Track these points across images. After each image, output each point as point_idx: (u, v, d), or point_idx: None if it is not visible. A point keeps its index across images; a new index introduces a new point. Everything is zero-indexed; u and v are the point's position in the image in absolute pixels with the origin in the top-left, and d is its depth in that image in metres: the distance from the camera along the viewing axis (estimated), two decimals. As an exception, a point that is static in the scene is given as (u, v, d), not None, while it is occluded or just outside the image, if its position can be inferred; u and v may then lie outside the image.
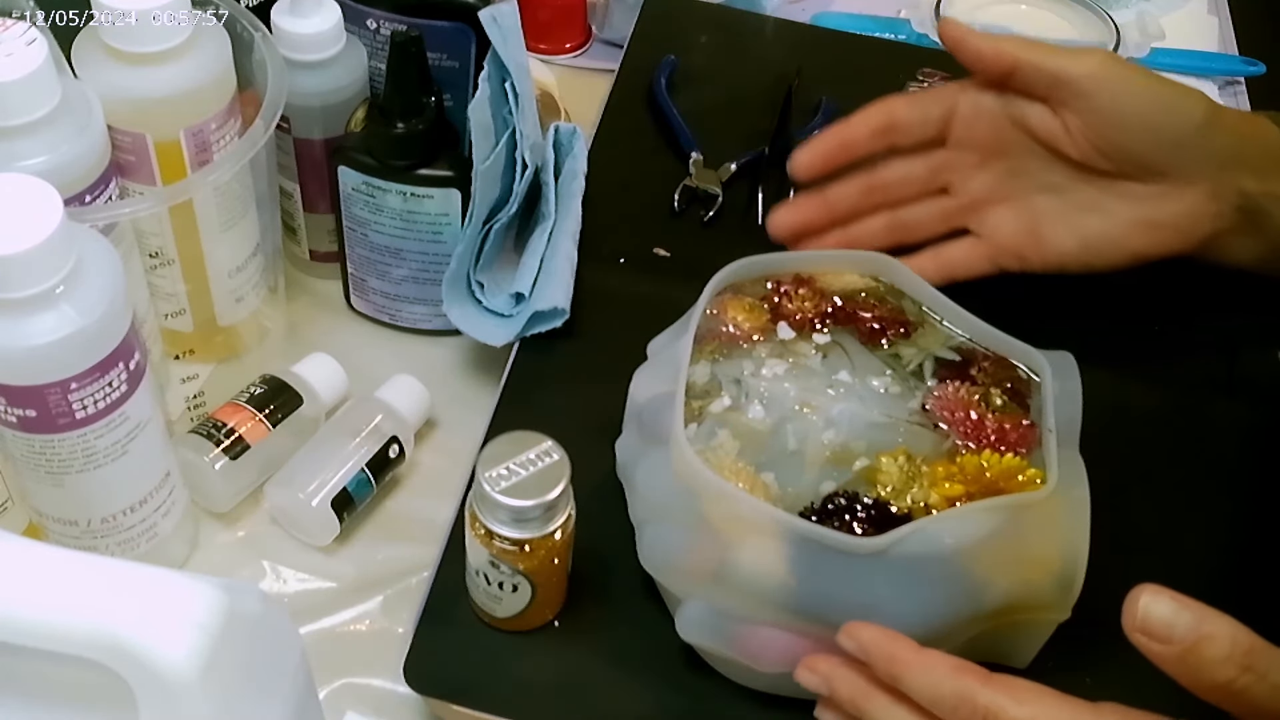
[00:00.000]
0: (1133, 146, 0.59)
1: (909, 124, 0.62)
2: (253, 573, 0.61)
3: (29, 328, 0.46)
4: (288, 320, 0.70)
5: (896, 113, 0.62)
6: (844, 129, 0.63)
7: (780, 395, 0.53)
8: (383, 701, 0.56)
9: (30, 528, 0.56)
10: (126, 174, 0.58)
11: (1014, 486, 0.50)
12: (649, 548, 0.52)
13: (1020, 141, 0.62)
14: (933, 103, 0.62)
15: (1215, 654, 0.39)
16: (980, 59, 0.60)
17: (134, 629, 0.33)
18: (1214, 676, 0.39)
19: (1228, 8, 1.00)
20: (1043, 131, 0.61)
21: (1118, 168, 0.60)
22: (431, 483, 0.64)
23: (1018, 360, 0.55)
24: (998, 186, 0.63)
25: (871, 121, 0.62)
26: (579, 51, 0.91)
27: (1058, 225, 0.62)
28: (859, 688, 0.47)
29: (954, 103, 0.62)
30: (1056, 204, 0.62)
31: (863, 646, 0.46)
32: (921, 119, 0.62)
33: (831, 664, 0.48)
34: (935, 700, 0.44)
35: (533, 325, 0.64)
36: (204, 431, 0.60)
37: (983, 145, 0.62)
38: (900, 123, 0.62)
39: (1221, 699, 0.40)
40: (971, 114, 0.62)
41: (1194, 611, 0.39)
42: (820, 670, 0.48)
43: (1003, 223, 0.63)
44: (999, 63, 0.60)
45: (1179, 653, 0.39)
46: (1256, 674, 0.39)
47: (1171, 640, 0.39)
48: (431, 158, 0.63)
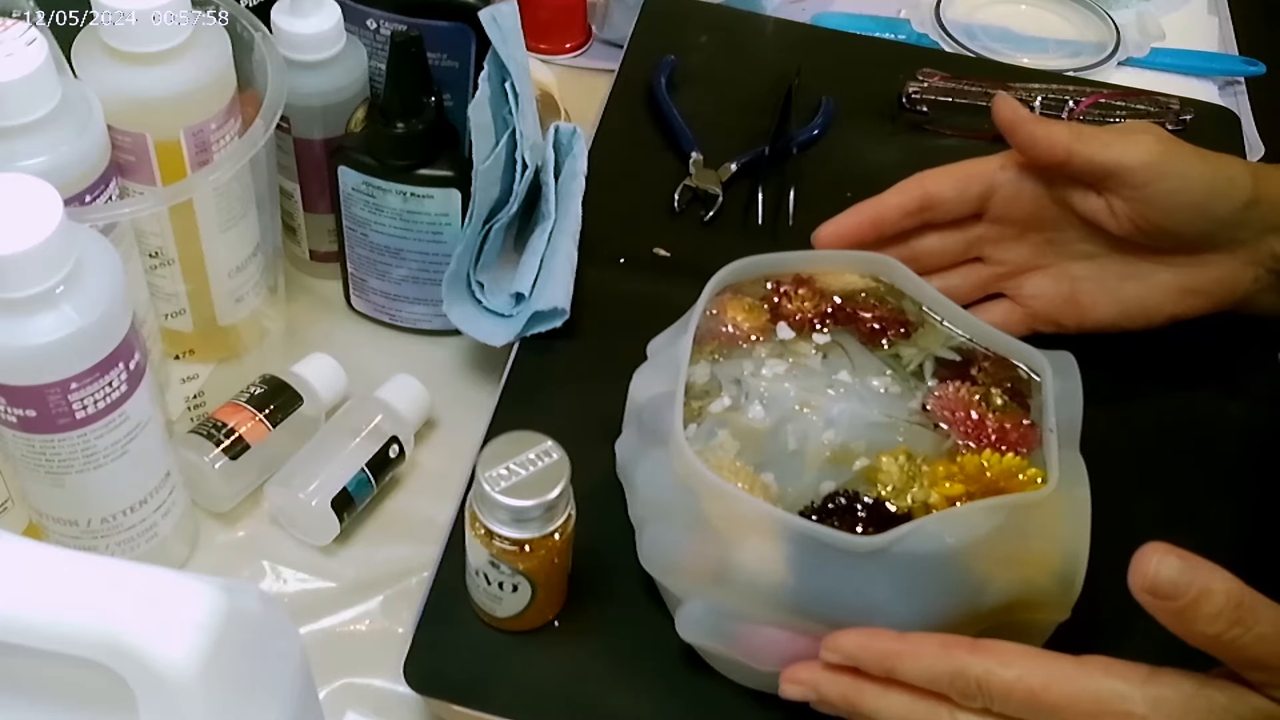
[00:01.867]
0: (1178, 229, 0.59)
1: (945, 203, 0.61)
2: (253, 573, 0.61)
3: (29, 328, 0.46)
4: (288, 320, 0.70)
5: (932, 191, 0.61)
6: (876, 206, 0.61)
7: (780, 395, 0.53)
8: (383, 701, 0.56)
9: (30, 528, 0.56)
10: (126, 174, 0.58)
11: (1014, 486, 0.50)
12: (649, 548, 0.52)
13: (1060, 216, 0.61)
14: (971, 181, 0.61)
15: (1210, 609, 0.40)
16: (1033, 148, 0.59)
17: (134, 629, 0.33)
18: (1205, 629, 0.41)
19: (1228, 8, 1.00)
20: (1086, 211, 0.60)
21: (1158, 244, 0.60)
22: (431, 483, 0.64)
23: (1018, 360, 0.55)
24: (1035, 256, 0.62)
25: (906, 201, 0.61)
26: (579, 51, 0.91)
27: (1096, 293, 0.62)
28: (846, 685, 0.47)
29: (993, 181, 0.61)
30: (1094, 272, 0.62)
31: (849, 654, 0.47)
32: (959, 198, 0.61)
33: (812, 670, 0.48)
34: (931, 680, 0.45)
35: (533, 325, 0.64)
36: (204, 431, 0.60)
37: (1021, 221, 0.61)
38: (936, 201, 0.61)
39: (1209, 647, 0.41)
40: (1012, 193, 0.61)
41: (1196, 569, 0.41)
42: (803, 679, 0.48)
43: (1040, 290, 0.63)
44: (1052, 154, 0.58)
45: (1179, 608, 0.41)
46: (1244, 626, 0.40)
47: (1174, 598, 0.41)
48: (431, 158, 0.63)
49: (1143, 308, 0.62)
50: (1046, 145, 0.58)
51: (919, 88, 0.80)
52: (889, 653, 0.46)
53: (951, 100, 0.80)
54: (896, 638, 0.46)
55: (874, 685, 0.47)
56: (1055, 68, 0.89)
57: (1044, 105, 0.80)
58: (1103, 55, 0.91)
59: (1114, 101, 0.81)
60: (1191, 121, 0.80)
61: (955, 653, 0.45)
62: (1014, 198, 0.61)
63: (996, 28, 0.94)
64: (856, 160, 0.78)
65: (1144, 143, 0.58)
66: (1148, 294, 0.61)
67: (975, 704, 0.45)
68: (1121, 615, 0.54)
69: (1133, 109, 0.81)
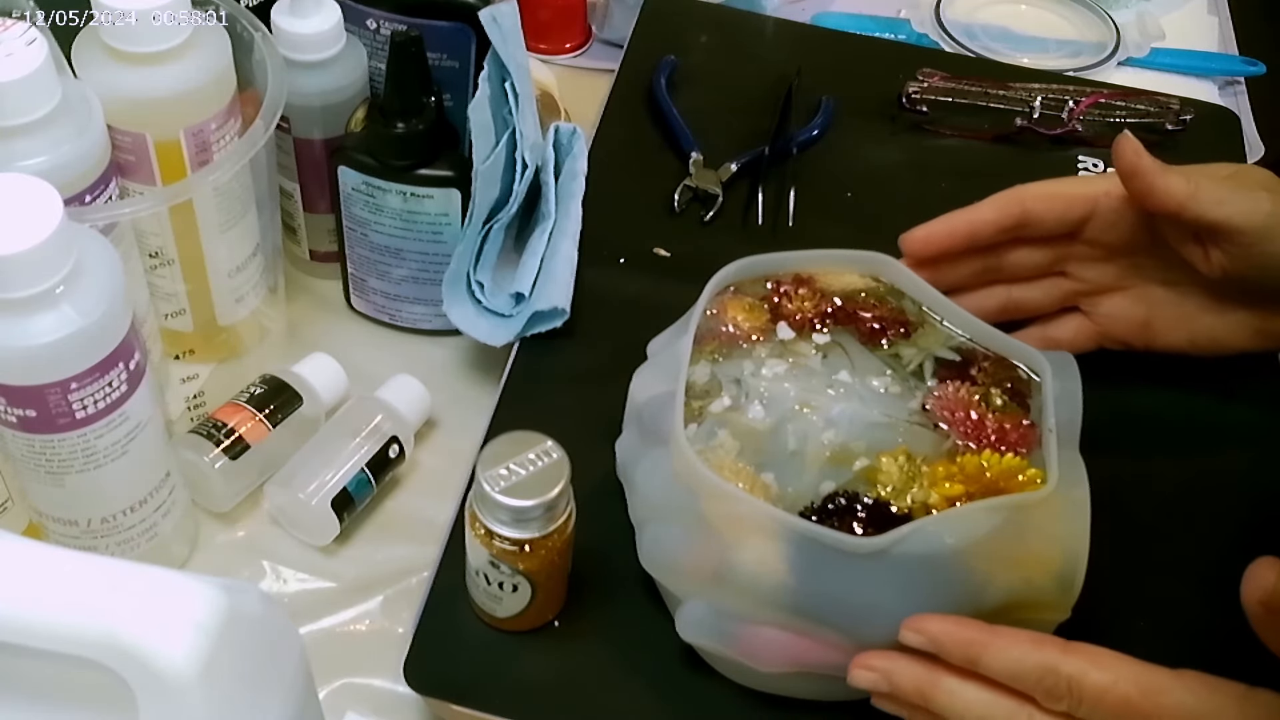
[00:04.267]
0: (1271, 283, 0.58)
1: (1043, 223, 0.60)
2: (253, 573, 0.61)
3: (29, 328, 0.46)
4: (288, 320, 0.70)
5: (1032, 210, 0.60)
6: (970, 218, 0.60)
7: (780, 395, 0.53)
8: (383, 701, 0.56)
9: (30, 528, 0.56)
10: (126, 174, 0.58)
11: (1014, 486, 0.50)
12: (649, 548, 0.52)
13: (1152, 245, 0.60)
14: (1074, 205, 0.60)
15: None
16: (1149, 197, 0.58)
17: (134, 629, 0.33)
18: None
19: (1228, 8, 1.00)
20: (1182, 250, 0.59)
21: (1244, 289, 0.59)
22: (431, 483, 0.64)
23: (1018, 360, 0.55)
24: (1118, 278, 0.62)
25: (1003, 219, 0.60)
26: (579, 51, 0.91)
27: (1171, 321, 0.61)
28: (922, 675, 0.46)
29: (1094, 207, 0.60)
30: (1173, 299, 0.61)
31: (933, 638, 0.46)
32: (1058, 220, 0.60)
33: (887, 658, 0.47)
34: (1017, 675, 0.44)
35: (533, 325, 0.64)
36: (204, 431, 0.60)
37: (1113, 245, 0.61)
38: (1034, 220, 0.60)
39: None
40: (1112, 220, 0.60)
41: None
42: (878, 666, 0.47)
43: (1117, 310, 0.62)
44: (1165, 208, 0.57)
45: None
46: None
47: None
48: (431, 158, 0.63)
49: (1213, 339, 0.61)
50: (1163, 198, 0.57)
51: (919, 88, 0.80)
52: (976, 641, 0.45)
53: (951, 100, 0.80)
54: (985, 627, 0.45)
55: (951, 677, 0.46)
56: (1055, 68, 0.90)
57: (1044, 105, 0.80)
58: (1103, 55, 0.91)
59: (1114, 101, 0.81)
60: (1191, 121, 0.80)
61: (1047, 649, 0.44)
62: (1112, 225, 0.60)
63: (996, 28, 0.94)
64: (856, 160, 0.78)
65: (1258, 203, 0.56)
66: (1221, 328, 0.61)
67: (1060, 706, 0.44)
68: (1121, 615, 0.54)
69: (1132, 109, 0.81)
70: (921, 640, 0.46)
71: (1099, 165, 0.78)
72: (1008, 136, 0.80)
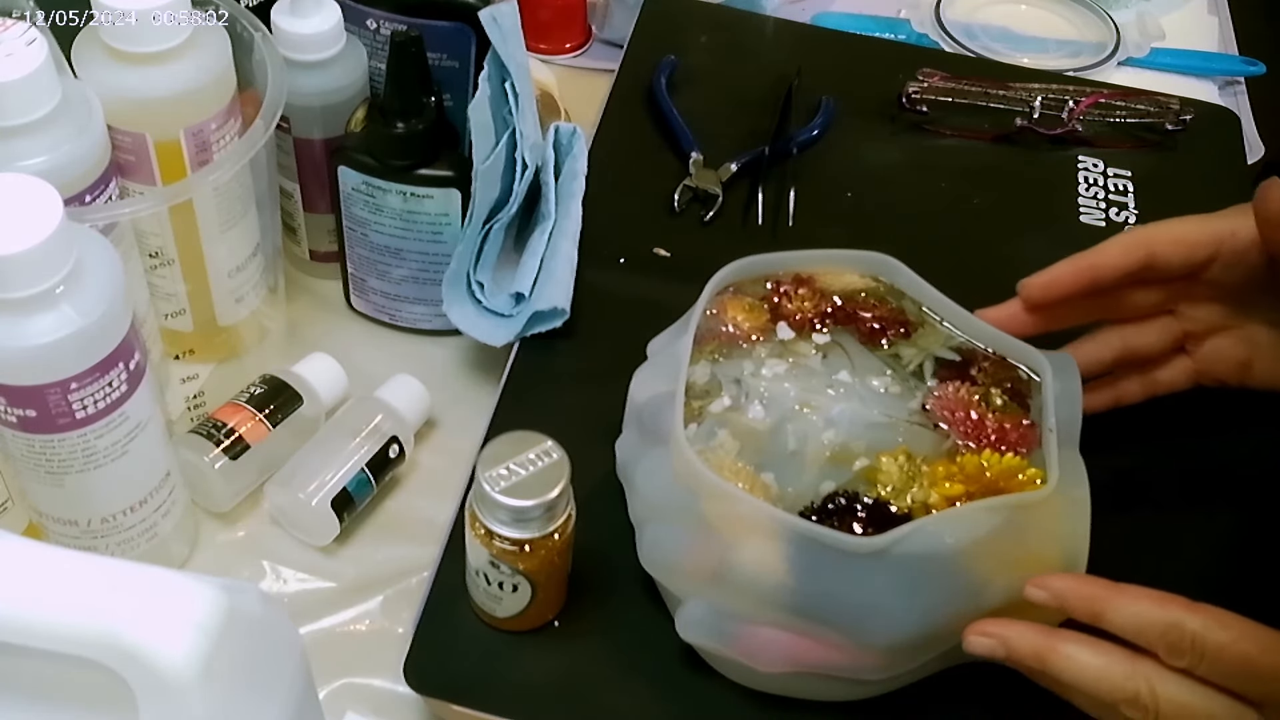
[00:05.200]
0: None
1: (1168, 266, 0.58)
2: (253, 573, 0.61)
3: (29, 328, 0.46)
4: (288, 320, 0.70)
5: (1159, 254, 0.58)
6: (1094, 261, 0.58)
7: (780, 395, 0.53)
8: (383, 701, 0.56)
9: (30, 528, 0.56)
10: (126, 174, 0.58)
11: (1014, 486, 0.50)
12: (649, 548, 0.52)
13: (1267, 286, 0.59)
14: (1198, 249, 0.58)
15: None
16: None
17: (134, 629, 0.33)
18: None
19: (1228, 8, 1.00)
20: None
21: None
22: (431, 483, 0.64)
23: (1018, 360, 0.55)
24: (1226, 317, 0.61)
25: (1130, 264, 0.58)
26: (579, 51, 0.91)
27: (1270, 362, 0.60)
28: (1039, 639, 0.46)
29: (1219, 249, 0.58)
30: (1274, 340, 0.60)
31: (1057, 593, 0.46)
32: (1183, 263, 0.58)
33: (1003, 624, 0.47)
34: (1141, 629, 0.45)
35: (533, 325, 0.64)
36: (204, 431, 0.60)
37: (1230, 286, 0.59)
38: (1159, 264, 0.58)
39: None
40: (1232, 261, 0.58)
41: None
42: (994, 632, 0.47)
43: (1219, 350, 0.61)
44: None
45: None
46: None
47: None
48: (431, 158, 0.63)
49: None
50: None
51: (919, 88, 0.80)
52: (1099, 596, 0.45)
53: (951, 100, 0.81)
54: (1109, 583, 0.46)
55: (1070, 640, 0.46)
56: (1055, 68, 0.90)
57: (1044, 105, 0.80)
58: (1103, 55, 0.91)
59: (1114, 101, 0.81)
60: (1191, 121, 0.80)
61: (1171, 606, 0.44)
62: (1232, 266, 0.59)
63: (996, 28, 0.94)
64: (856, 160, 0.78)
65: None
66: None
67: (1182, 661, 0.44)
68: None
69: (1132, 109, 0.81)
70: (1044, 595, 0.46)
71: (1099, 165, 0.78)
72: (1008, 136, 0.80)
